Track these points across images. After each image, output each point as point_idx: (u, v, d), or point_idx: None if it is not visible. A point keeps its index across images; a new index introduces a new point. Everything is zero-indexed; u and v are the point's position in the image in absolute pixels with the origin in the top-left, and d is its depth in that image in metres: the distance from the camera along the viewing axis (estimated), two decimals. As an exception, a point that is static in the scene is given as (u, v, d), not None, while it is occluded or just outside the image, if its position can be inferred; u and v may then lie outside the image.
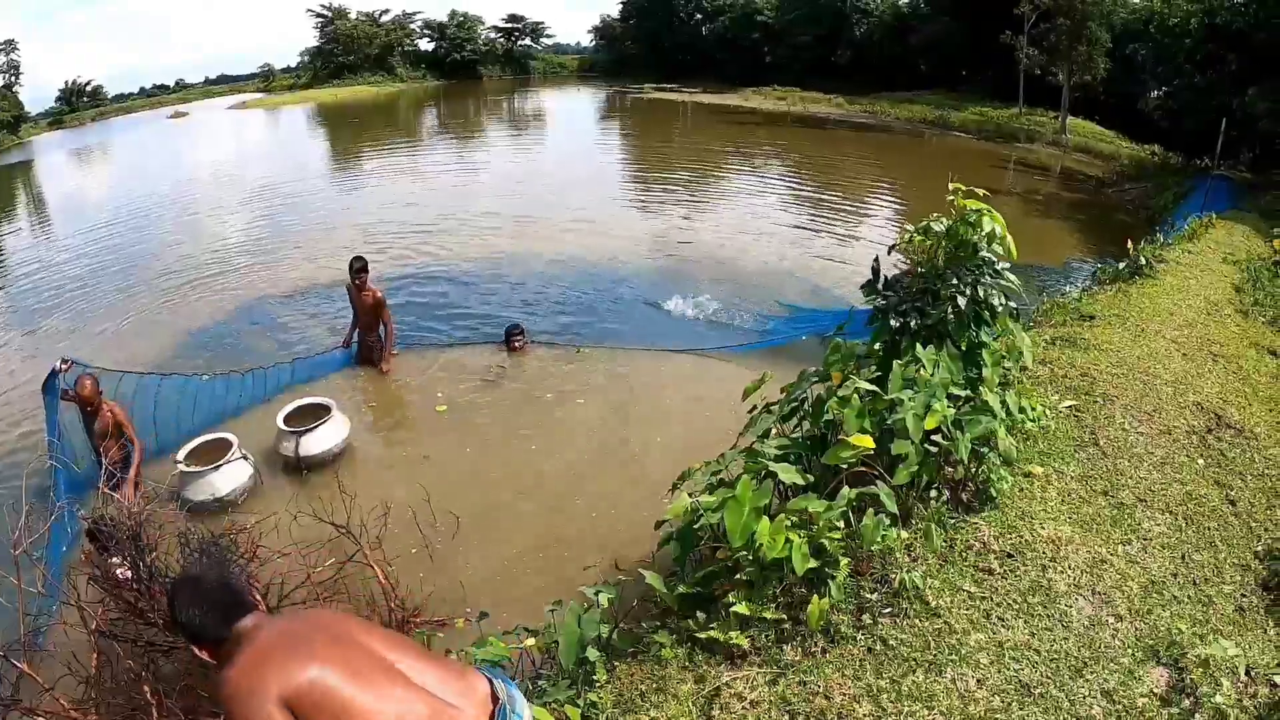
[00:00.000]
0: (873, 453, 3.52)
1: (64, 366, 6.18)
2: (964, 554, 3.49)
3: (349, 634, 2.19)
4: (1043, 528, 3.67)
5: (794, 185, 14.43)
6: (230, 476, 6.42)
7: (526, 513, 6.16)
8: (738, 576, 3.47)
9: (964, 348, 4.24)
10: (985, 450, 3.74)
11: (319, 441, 6.80)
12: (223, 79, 73.31)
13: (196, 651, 2.20)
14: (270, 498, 6.52)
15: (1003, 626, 3.10)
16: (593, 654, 3.29)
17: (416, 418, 7.92)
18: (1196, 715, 2.75)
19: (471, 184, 16.29)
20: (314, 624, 2.21)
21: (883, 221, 13.25)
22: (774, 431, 4.12)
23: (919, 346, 4.07)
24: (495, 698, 2.29)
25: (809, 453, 3.99)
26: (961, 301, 4.16)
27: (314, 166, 19.01)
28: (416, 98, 44.73)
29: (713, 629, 3.32)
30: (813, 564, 3.26)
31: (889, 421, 3.59)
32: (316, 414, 7.00)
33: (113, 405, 6.34)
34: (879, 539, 3.23)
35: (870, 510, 3.31)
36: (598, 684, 3.29)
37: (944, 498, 3.77)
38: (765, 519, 3.33)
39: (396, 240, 13.12)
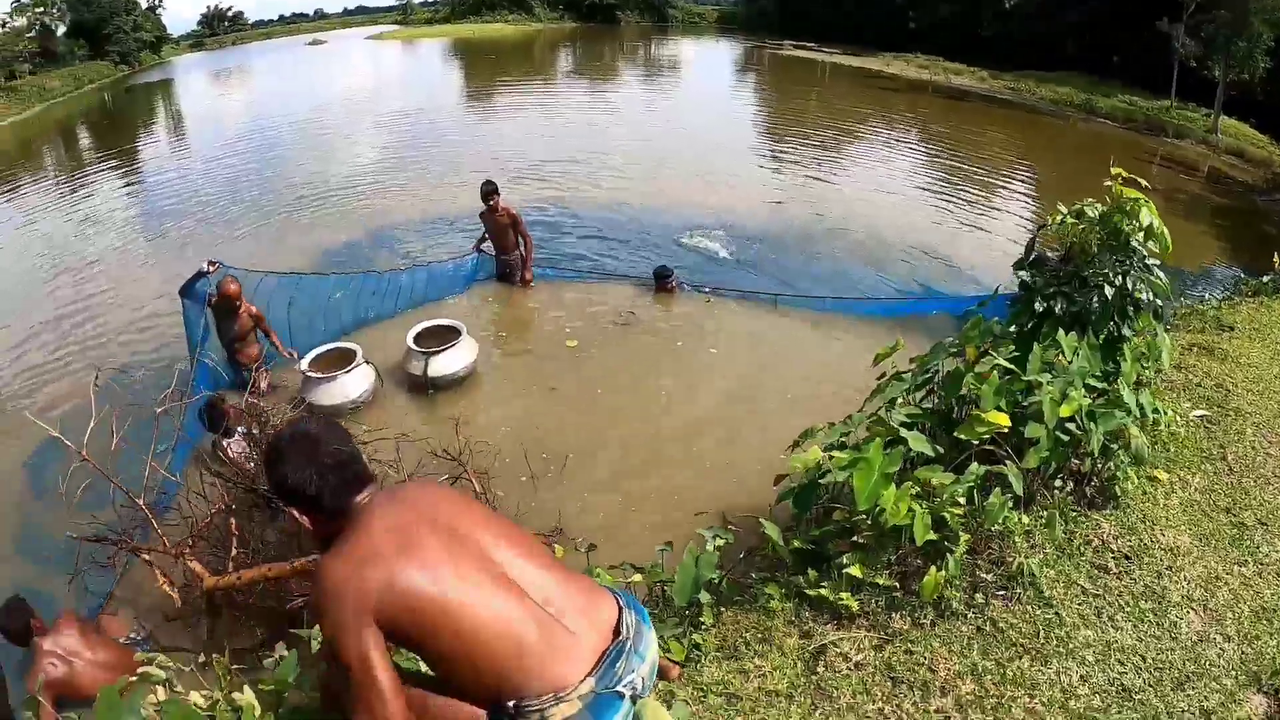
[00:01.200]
0: (1003, 432, 3.48)
1: (211, 268, 6.43)
2: (1082, 549, 3.41)
3: (463, 526, 1.94)
4: (1162, 535, 3.56)
5: (931, 157, 13.82)
6: (353, 383, 6.76)
7: (642, 455, 6.26)
8: (854, 539, 3.51)
9: (1105, 339, 4.11)
10: (1115, 447, 3.63)
11: (447, 363, 7.07)
12: (360, 10, 75.52)
13: (298, 517, 1.96)
14: (393, 412, 6.86)
15: (1112, 627, 3.04)
16: (704, 597, 3.39)
17: (546, 349, 8.08)
18: (1287, 751, 2.67)
19: (606, 127, 16.23)
20: (427, 513, 1.93)
21: (1019, 203, 12.62)
22: (902, 401, 4.09)
23: (1061, 332, 3.95)
24: (618, 631, 2.01)
25: (937, 425, 3.96)
26: (1109, 291, 4.01)
27: (448, 98, 19.29)
28: (554, 38, 44.41)
29: (823, 588, 3.36)
30: (933, 535, 3.26)
31: (1023, 403, 3.53)
32: (445, 336, 7.26)
33: (248, 305, 6.73)
34: (1001, 520, 3.20)
35: (997, 490, 3.28)
36: (704, 626, 3.39)
37: (1068, 489, 3.69)
38: (892, 485, 3.34)
39: (527, 175, 13.22)
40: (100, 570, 4.64)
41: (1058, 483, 3.67)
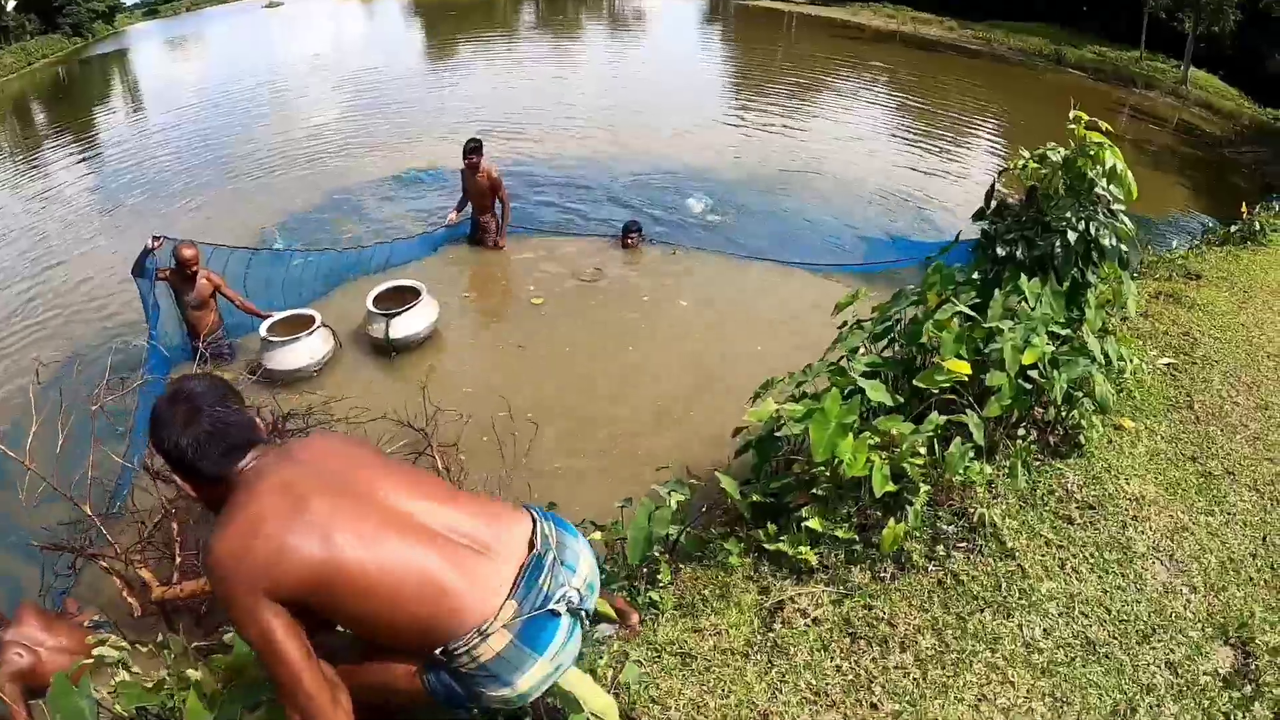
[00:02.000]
0: (964, 381, 3.35)
1: (156, 244, 6.16)
2: (1045, 499, 3.31)
3: (359, 480, 1.79)
4: (1128, 484, 3.46)
5: (901, 106, 13.54)
6: (310, 347, 6.54)
7: (607, 412, 6.12)
8: (813, 491, 3.38)
9: (1068, 286, 3.98)
10: (1079, 395, 3.52)
11: (408, 324, 6.85)
12: (317, -29, 72.67)
13: (181, 484, 1.82)
14: (355, 377, 6.66)
15: (1076, 579, 2.94)
16: (660, 553, 3.27)
17: (512, 308, 7.90)
18: (1257, 703, 2.59)
19: (570, 81, 15.72)
20: (318, 471, 1.76)
21: (988, 150, 12.42)
22: (862, 350, 3.96)
23: (1023, 278, 3.80)
24: (532, 545, 1.86)
25: (899, 374, 3.83)
26: (1072, 236, 3.85)
27: (409, 57, 18.62)
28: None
29: (782, 541, 3.24)
30: (892, 487, 3.14)
31: (985, 351, 3.39)
32: (406, 296, 7.03)
33: (208, 272, 6.46)
34: (962, 470, 3.08)
35: (958, 439, 3.16)
36: (661, 584, 3.28)
37: (1031, 438, 3.58)
38: (849, 436, 3.21)
39: (492, 130, 12.82)
40: (64, 576, 4.49)
41: (1021, 432, 3.55)
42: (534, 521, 1.92)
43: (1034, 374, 3.37)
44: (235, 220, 9.83)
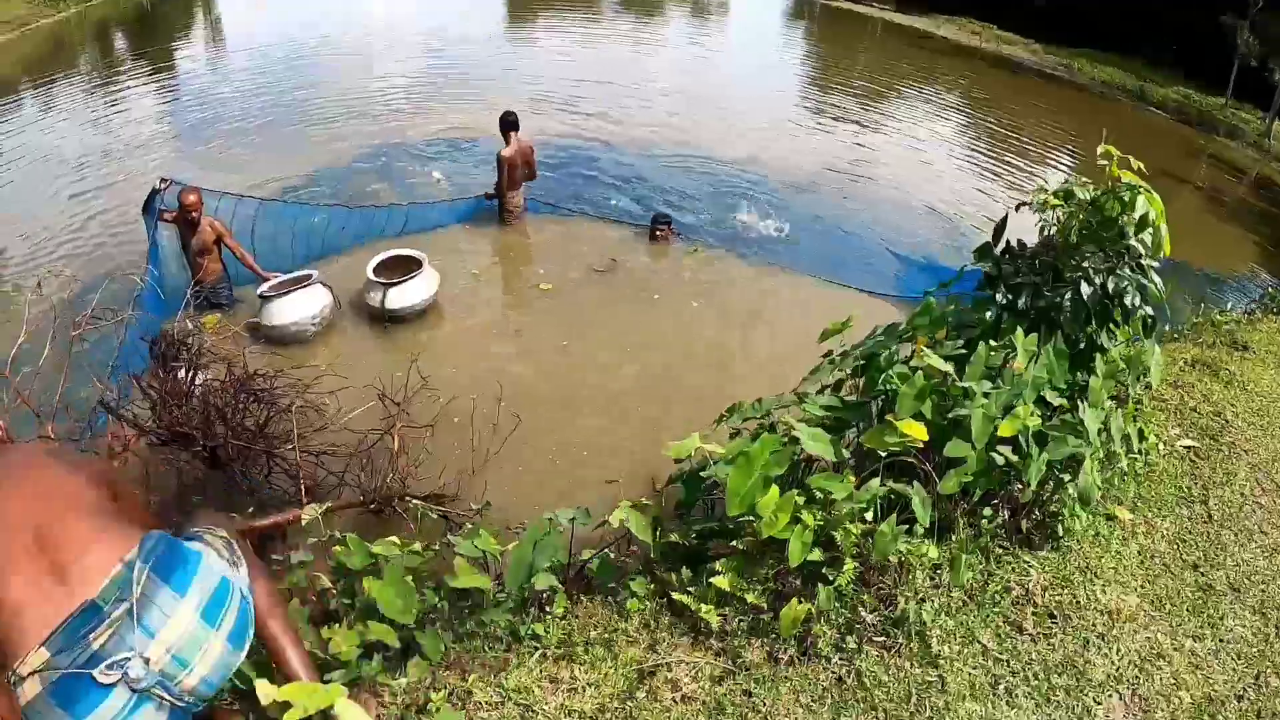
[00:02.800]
0: (926, 444, 2.76)
1: (163, 185, 6.00)
2: (997, 598, 2.72)
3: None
4: (1104, 591, 2.84)
5: (971, 126, 12.58)
6: (305, 304, 6.19)
7: (594, 412, 5.67)
8: (735, 543, 2.86)
9: (1078, 347, 3.33)
10: (1065, 478, 2.90)
11: (405, 295, 6.46)
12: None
13: None
14: (347, 344, 6.33)
15: (1007, 705, 2.37)
16: (544, 580, 2.77)
17: (519, 289, 7.43)
18: None
19: (645, 64, 14.97)
20: None
21: (1058, 182, 11.39)
22: (846, 388, 3.38)
23: (1019, 332, 3.18)
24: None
25: (859, 423, 3.25)
26: (1086, 290, 3.22)
27: (490, 21, 18.03)
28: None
29: (689, 593, 2.76)
30: (817, 556, 2.61)
31: (951, 414, 2.79)
32: (408, 266, 6.66)
33: (212, 220, 6.18)
34: (895, 552, 2.51)
35: (893, 517, 2.57)
36: (550, 615, 2.81)
37: (999, 519, 2.96)
38: (775, 489, 2.67)
39: (552, 105, 12.15)
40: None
41: (987, 511, 2.94)
42: (127, 558, 1.51)
43: (1008, 449, 2.75)
44: (289, 166, 9.50)
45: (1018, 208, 3.76)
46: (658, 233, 8.08)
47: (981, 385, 2.80)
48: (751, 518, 2.76)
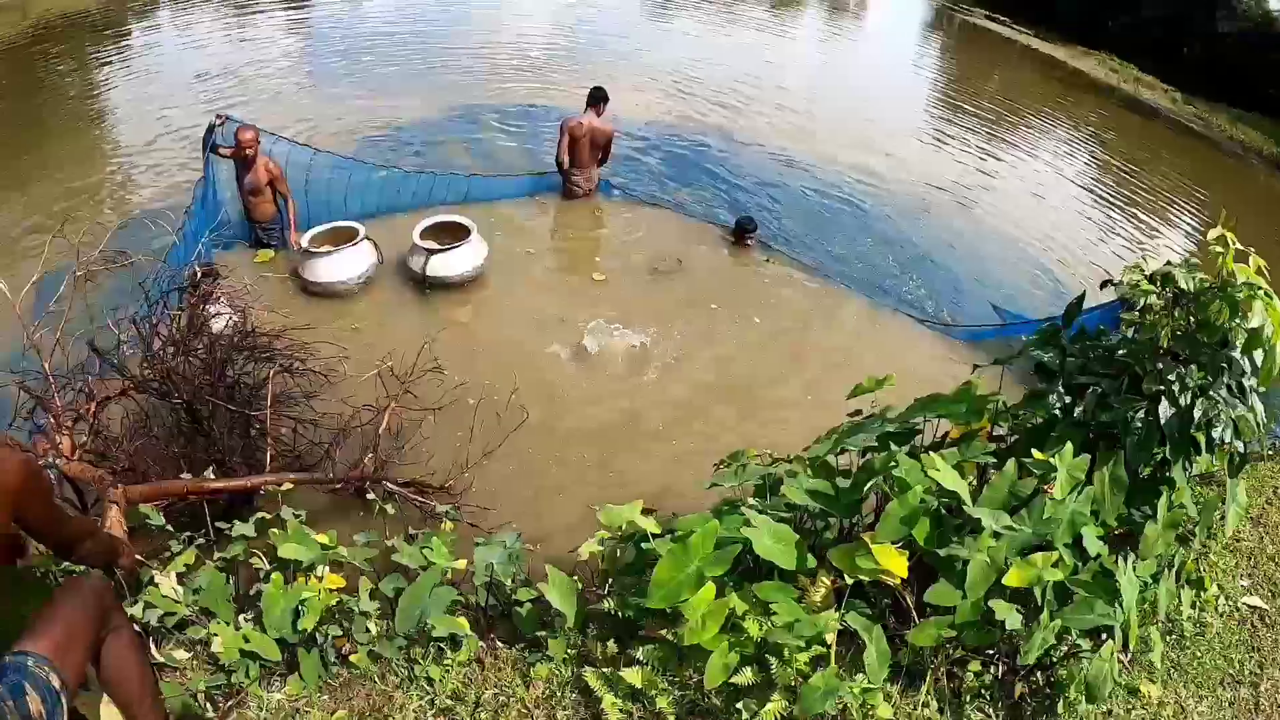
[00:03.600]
0: (909, 574, 2.17)
1: (219, 121, 5.93)
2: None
3: None
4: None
5: (1094, 170, 11.30)
6: (350, 262, 6.01)
7: (615, 424, 5.23)
8: (666, 631, 2.35)
9: (1141, 475, 2.63)
10: (1082, 645, 2.24)
11: (447, 264, 6.16)
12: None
13: None
14: (381, 305, 6.11)
15: None
16: (445, 626, 2.35)
17: (571, 277, 6.91)
18: None
19: (770, 55, 14.06)
20: None
21: (1170, 247, 9.95)
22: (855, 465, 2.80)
23: (1069, 447, 2.51)
24: None
25: (852, 519, 2.66)
26: (1166, 411, 2.52)
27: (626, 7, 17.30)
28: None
29: (604, 675, 2.29)
30: (745, 678, 2.09)
31: (946, 551, 2.17)
32: (456, 233, 6.33)
33: (267, 160, 6.01)
34: (826, 707, 1.93)
35: (833, 666, 1.99)
36: (446, 663, 2.41)
37: (988, 676, 2.33)
38: (710, 589, 2.16)
39: (666, 84, 11.40)
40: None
41: (975, 666, 2.31)
42: None
43: (1011, 606, 2.12)
44: (374, 110, 9.33)
45: (1103, 286, 3.03)
46: (748, 240, 7.31)
47: (997, 517, 2.17)
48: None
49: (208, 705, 2.40)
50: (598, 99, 7.33)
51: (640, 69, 12.12)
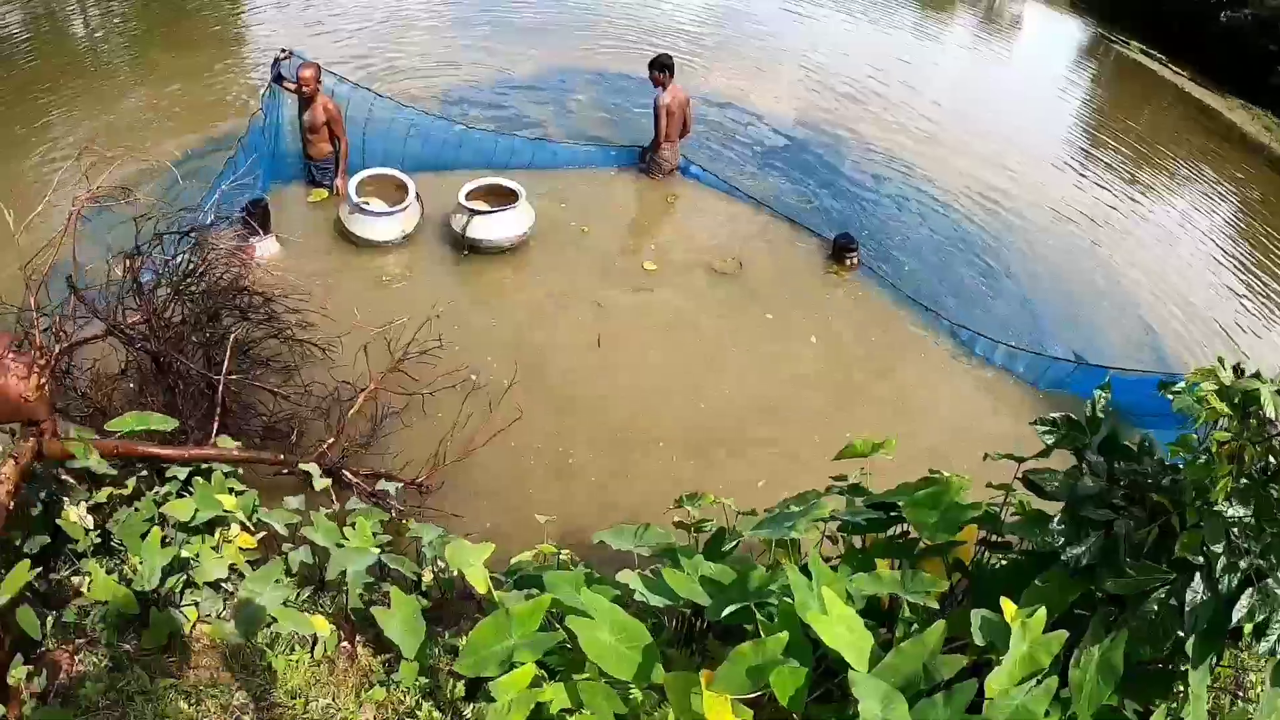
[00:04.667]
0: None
1: (284, 55, 5.76)
2: None
3: None
4: None
5: (1230, 232, 9.73)
6: (396, 223, 5.78)
7: (613, 432, 4.78)
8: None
9: (1149, 663, 1.89)
10: None
11: (488, 228, 5.80)
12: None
13: None
14: (414, 261, 5.84)
15: None
16: (289, 620, 2.09)
17: (620, 260, 6.30)
18: None
19: (913, 57, 12.85)
20: None
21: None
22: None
23: (1043, 612, 1.79)
24: None
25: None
26: (1198, 588, 1.77)
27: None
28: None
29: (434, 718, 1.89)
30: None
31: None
32: (504, 198, 5.94)
33: (327, 99, 5.80)
34: None
35: None
36: (294, 658, 2.22)
37: None
38: (525, 671, 1.68)
39: (795, 73, 10.36)
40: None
41: None
42: None
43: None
44: (484, 64, 8.91)
45: (1160, 388, 2.23)
46: (849, 259, 6.36)
47: (890, 704, 1.52)
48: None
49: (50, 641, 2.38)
50: (668, 66, 6.70)
51: (768, 53, 11.19)
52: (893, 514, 2.37)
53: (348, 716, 2.29)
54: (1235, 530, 1.82)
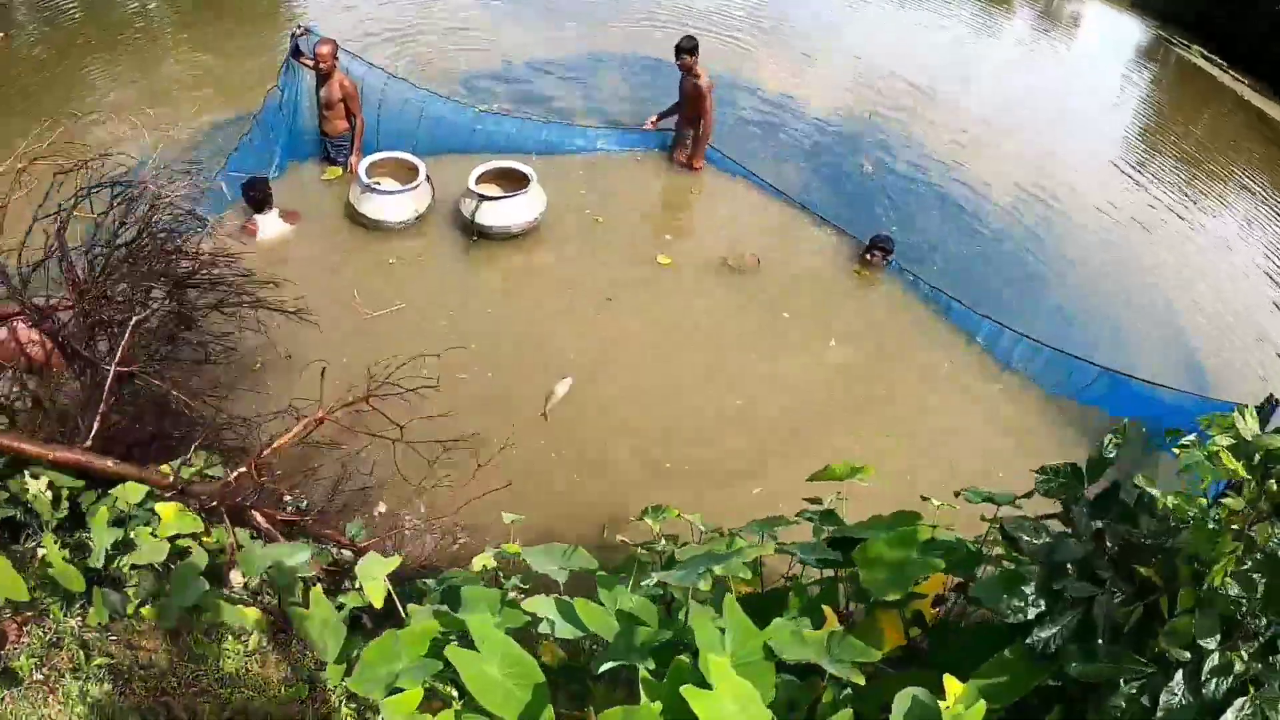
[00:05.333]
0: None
1: (300, 32, 5.67)
2: None
3: None
4: None
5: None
6: (407, 204, 5.63)
7: (601, 441, 4.55)
8: None
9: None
10: None
11: (497, 214, 5.61)
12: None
13: None
14: (423, 245, 5.68)
15: None
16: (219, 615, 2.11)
17: (634, 251, 5.99)
18: None
19: (964, 52, 12.25)
20: None
21: None
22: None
23: (981, 709, 1.53)
24: None
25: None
26: (1178, 688, 1.47)
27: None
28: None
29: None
30: None
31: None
32: (515, 182, 5.74)
33: (343, 77, 5.70)
34: None
35: None
36: (226, 648, 2.30)
37: None
38: (411, 694, 1.49)
39: (840, 66, 10.00)
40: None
41: None
42: None
43: None
44: (508, 47, 8.61)
45: (1167, 434, 1.91)
46: (871, 256, 5.98)
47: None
48: None
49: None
50: (684, 49, 6.35)
51: (817, 44, 10.67)
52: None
53: (271, 711, 2.22)
54: (1240, 617, 1.52)
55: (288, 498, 3.25)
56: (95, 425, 2.66)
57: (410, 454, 3.30)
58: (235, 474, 2.69)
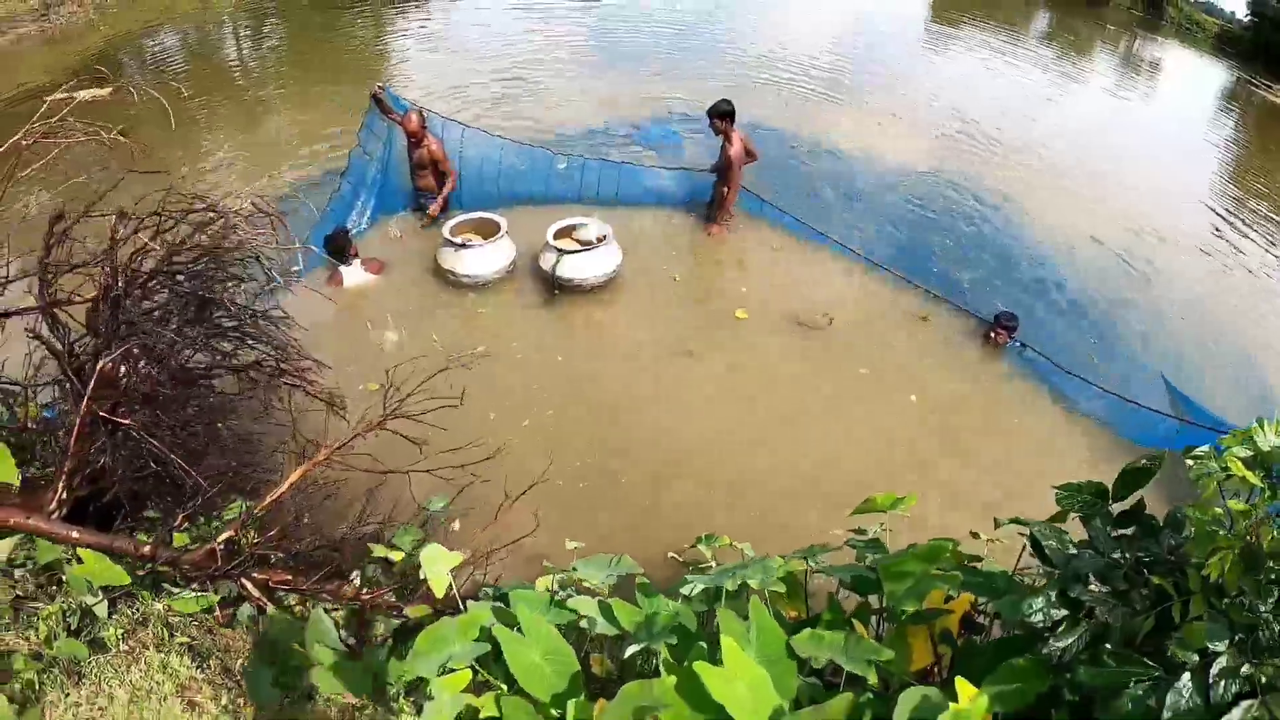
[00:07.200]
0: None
1: (378, 90, 6.14)
2: None
3: None
4: None
5: None
6: (493, 259, 6.01)
7: (678, 483, 4.57)
8: None
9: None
10: None
11: (578, 267, 5.91)
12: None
13: None
14: (510, 303, 5.98)
15: None
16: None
17: (715, 305, 6.07)
18: None
19: (1054, 104, 11.94)
20: None
21: None
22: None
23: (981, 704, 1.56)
24: None
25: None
26: (1185, 690, 1.47)
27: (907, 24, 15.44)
28: None
29: None
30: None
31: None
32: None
33: (432, 141, 6.25)
34: None
35: None
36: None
37: None
38: (462, 675, 1.70)
39: (926, 117, 10.01)
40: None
41: None
42: None
43: None
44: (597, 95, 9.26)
45: (1185, 453, 1.90)
46: (996, 335, 5.69)
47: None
48: None
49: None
50: (721, 114, 6.36)
51: (894, 96, 10.60)
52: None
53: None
54: (1261, 626, 1.51)
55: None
56: (61, 491, 2.38)
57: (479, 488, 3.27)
58: (222, 539, 2.41)
